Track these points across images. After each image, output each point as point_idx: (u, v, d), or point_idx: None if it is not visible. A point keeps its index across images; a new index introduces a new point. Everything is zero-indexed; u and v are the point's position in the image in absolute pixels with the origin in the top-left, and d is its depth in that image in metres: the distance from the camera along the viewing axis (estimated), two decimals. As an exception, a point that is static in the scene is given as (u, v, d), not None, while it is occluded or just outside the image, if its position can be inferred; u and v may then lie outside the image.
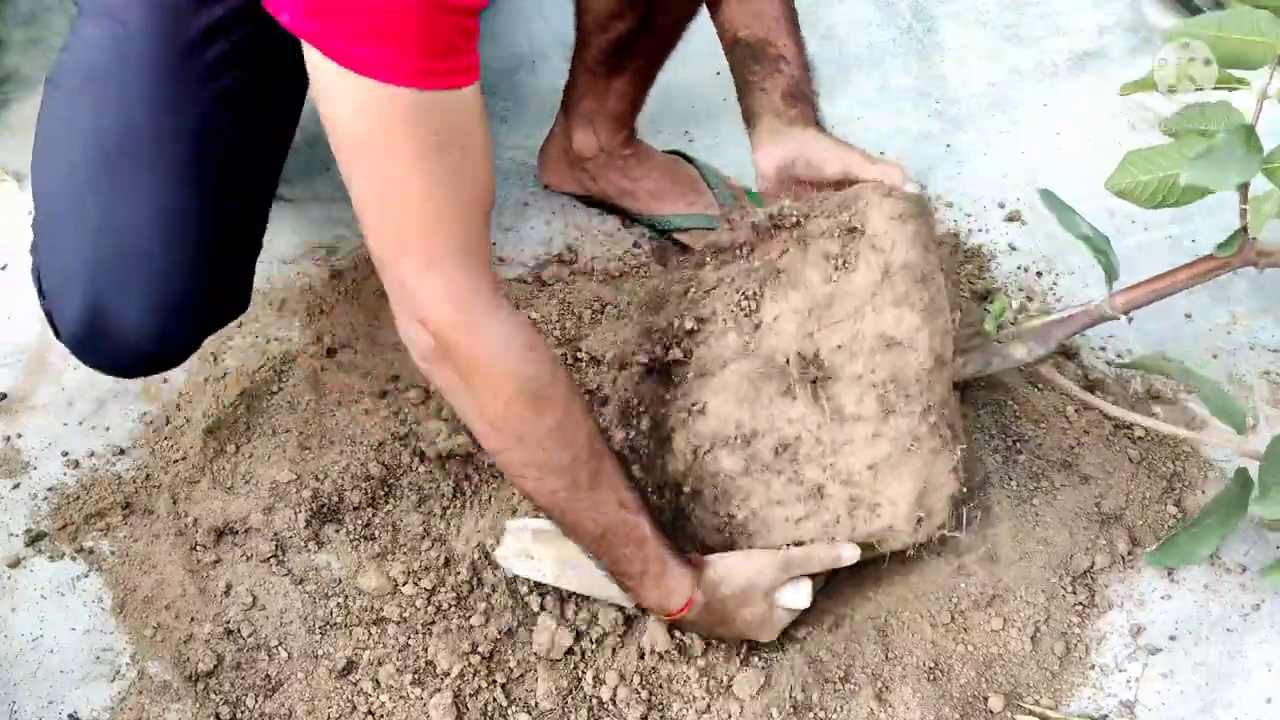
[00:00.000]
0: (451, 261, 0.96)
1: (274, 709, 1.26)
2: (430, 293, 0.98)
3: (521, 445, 1.05)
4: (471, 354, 1.00)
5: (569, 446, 1.05)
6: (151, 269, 1.16)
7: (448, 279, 0.97)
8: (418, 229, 0.95)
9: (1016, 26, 1.98)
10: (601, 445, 1.10)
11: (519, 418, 1.02)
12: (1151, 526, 1.39)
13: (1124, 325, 1.60)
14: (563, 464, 1.05)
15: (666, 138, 1.82)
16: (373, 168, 0.94)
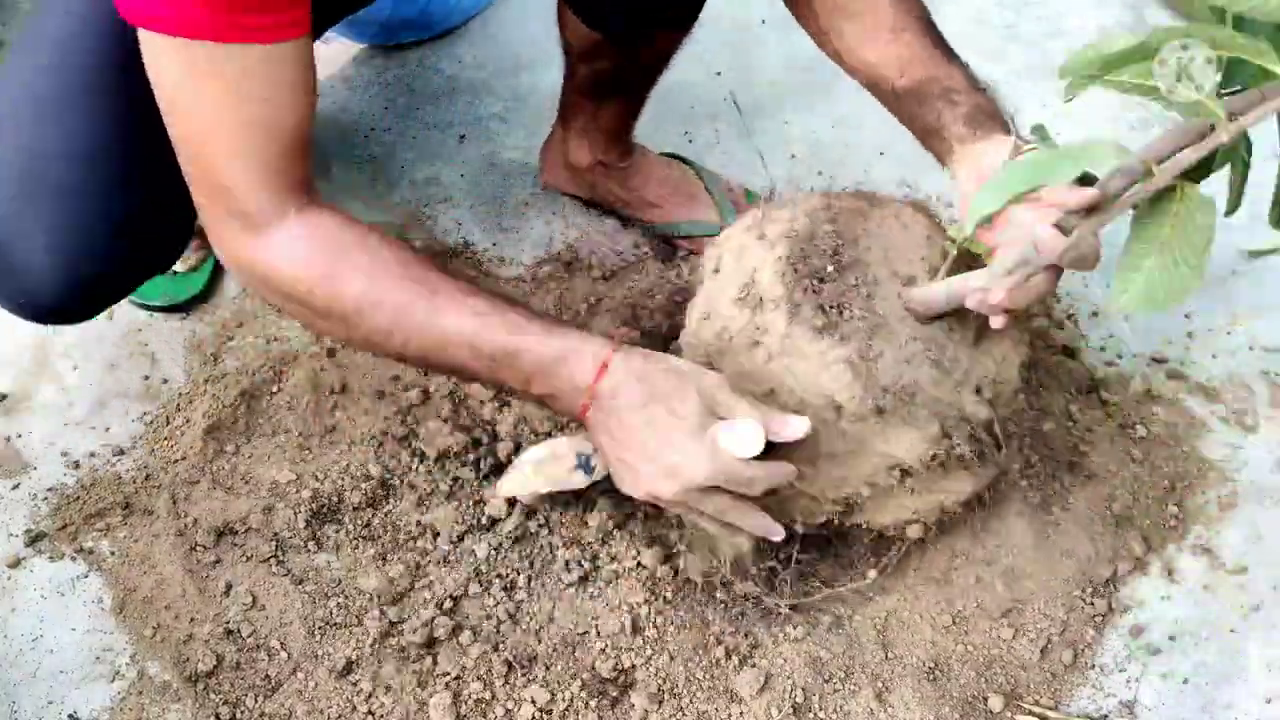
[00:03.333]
0: (247, 192, 1.02)
1: (274, 709, 1.26)
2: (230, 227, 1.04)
3: (348, 330, 1.06)
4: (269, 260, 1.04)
5: (384, 302, 1.04)
6: (65, 202, 1.15)
7: (241, 205, 1.02)
8: (217, 167, 1.01)
9: (1016, 26, 1.98)
10: (429, 275, 1.05)
11: (329, 317, 1.06)
12: (1156, 527, 1.39)
13: (1123, 324, 1.61)
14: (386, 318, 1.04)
15: (666, 138, 1.82)
16: (178, 120, 1.02)
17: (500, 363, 1.04)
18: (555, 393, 1.05)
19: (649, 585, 1.29)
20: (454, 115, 1.86)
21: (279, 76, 1.00)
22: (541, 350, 1.03)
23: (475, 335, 1.03)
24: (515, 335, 1.03)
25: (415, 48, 1.95)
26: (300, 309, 1.07)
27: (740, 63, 1.92)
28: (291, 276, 1.04)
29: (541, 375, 1.04)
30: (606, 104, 1.57)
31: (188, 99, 1.00)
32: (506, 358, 1.03)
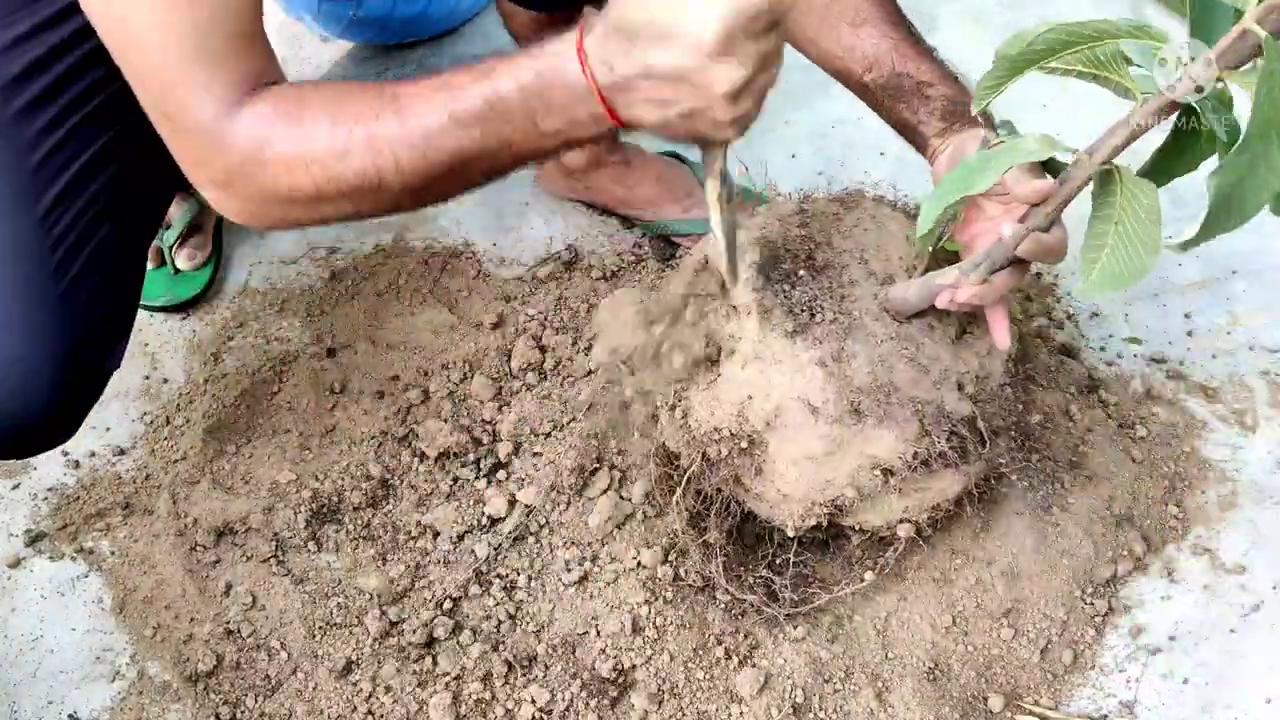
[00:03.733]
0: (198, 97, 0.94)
1: (274, 709, 1.26)
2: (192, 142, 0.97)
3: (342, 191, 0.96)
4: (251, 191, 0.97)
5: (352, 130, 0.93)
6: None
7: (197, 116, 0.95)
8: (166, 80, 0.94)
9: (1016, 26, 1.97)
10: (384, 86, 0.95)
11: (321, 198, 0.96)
12: (1156, 527, 1.39)
13: (1122, 323, 1.61)
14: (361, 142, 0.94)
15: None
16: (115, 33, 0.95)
17: (492, 119, 0.91)
18: (567, 114, 0.90)
19: (649, 585, 1.29)
20: (454, 115, 1.86)
21: None
22: (519, 77, 0.90)
23: (451, 107, 0.91)
24: (488, 79, 0.91)
25: (415, 48, 1.95)
26: (298, 204, 0.97)
27: (740, 63, 1.92)
28: (262, 165, 0.95)
29: (539, 105, 0.90)
30: None
31: (121, 13, 0.93)
32: (494, 109, 0.91)
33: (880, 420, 1.11)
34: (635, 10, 0.84)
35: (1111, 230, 0.95)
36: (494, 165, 0.96)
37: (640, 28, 0.83)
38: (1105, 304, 1.63)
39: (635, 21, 0.84)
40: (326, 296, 1.59)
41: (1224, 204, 0.83)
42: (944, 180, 0.99)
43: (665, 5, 0.82)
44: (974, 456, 1.16)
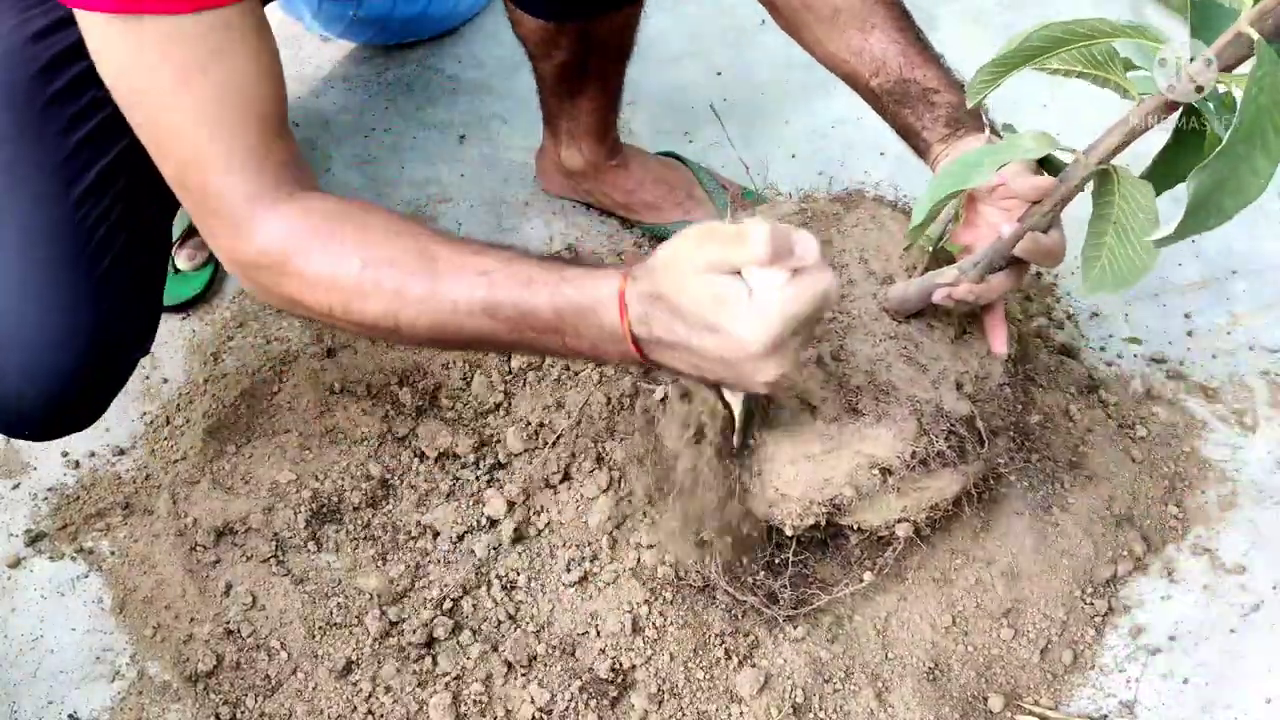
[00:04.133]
0: (226, 182, 0.94)
1: (274, 709, 1.26)
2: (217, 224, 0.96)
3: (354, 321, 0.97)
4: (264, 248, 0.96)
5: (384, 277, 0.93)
6: (20, 332, 1.09)
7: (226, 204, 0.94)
8: (191, 158, 0.94)
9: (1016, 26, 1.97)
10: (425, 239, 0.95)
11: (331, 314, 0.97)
12: (1156, 527, 1.39)
13: (1122, 323, 1.61)
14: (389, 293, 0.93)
15: (666, 138, 1.82)
16: (138, 114, 0.94)
17: (522, 325, 0.92)
18: (596, 345, 0.92)
19: (649, 585, 1.29)
20: (454, 115, 1.86)
21: (233, 43, 0.92)
22: (558, 303, 0.90)
23: (487, 300, 0.91)
24: (527, 289, 0.91)
25: (415, 48, 1.95)
26: (305, 310, 0.99)
27: (740, 63, 1.92)
28: (285, 275, 0.95)
29: (571, 331, 0.91)
30: (580, 99, 1.57)
31: (142, 86, 0.92)
32: (525, 319, 0.91)
33: (878, 419, 1.12)
34: (684, 295, 0.84)
35: (1110, 230, 0.95)
36: (509, 351, 0.97)
37: (687, 312, 0.85)
38: (1105, 304, 1.63)
39: (682, 305, 0.85)
40: (326, 296, 1.59)
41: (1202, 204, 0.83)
42: (940, 173, 0.99)
43: (715, 302, 0.83)
44: (972, 456, 1.16)
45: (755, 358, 0.84)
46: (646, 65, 1.61)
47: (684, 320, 0.85)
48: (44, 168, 1.12)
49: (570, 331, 0.91)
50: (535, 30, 1.48)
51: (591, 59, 1.51)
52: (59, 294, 1.11)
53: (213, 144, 0.93)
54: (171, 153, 0.95)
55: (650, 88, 1.81)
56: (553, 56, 1.51)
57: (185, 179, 0.96)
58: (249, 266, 0.97)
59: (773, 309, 0.82)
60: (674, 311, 0.85)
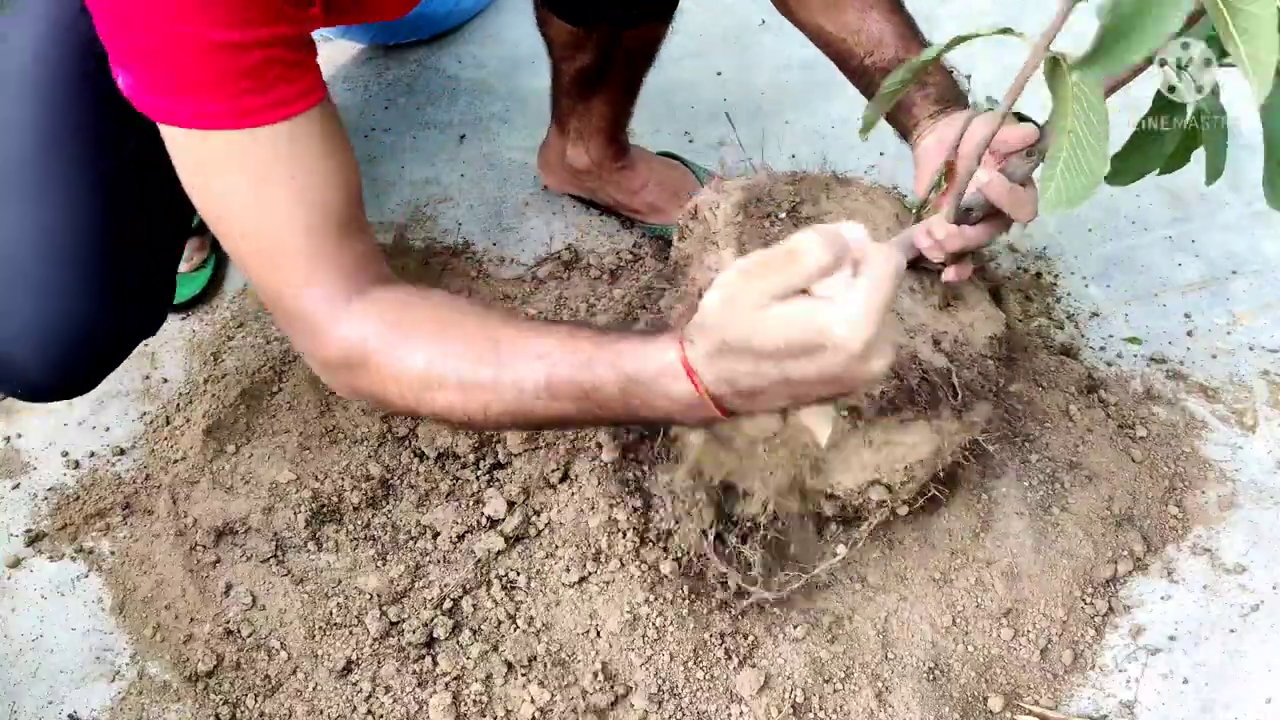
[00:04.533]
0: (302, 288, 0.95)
1: (274, 709, 1.26)
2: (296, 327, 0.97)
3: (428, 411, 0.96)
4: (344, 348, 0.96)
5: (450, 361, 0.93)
6: (35, 293, 1.11)
7: (303, 308, 0.95)
8: (268, 265, 0.95)
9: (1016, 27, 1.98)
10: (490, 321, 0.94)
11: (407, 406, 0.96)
12: (1156, 527, 1.39)
13: (1122, 323, 1.61)
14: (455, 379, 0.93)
15: (666, 138, 1.82)
16: (214, 214, 0.95)
17: (589, 404, 0.90)
18: (670, 415, 0.89)
19: (649, 585, 1.29)
20: (454, 115, 1.87)
21: (304, 151, 0.93)
22: (620, 380, 0.88)
23: (549, 383, 0.90)
24: (587, 370, 0.89)
25: (415, 48, 1.95)
26: (389, 406, 0.98)
27: (740, 63, 1.93)
28: (361, 373, 0.95)
29: (641, 404, 0.88)
30: (595, 101, 1.58)
31: (217, 197, 0.94)
32: (590, 398, 0.90)
33: None
34: (760, 335, 0.81)
35: (1066, 142, 0.91)
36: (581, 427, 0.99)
37: (771, 350, 0.81)
38: (1105, 304, 1.63)
39: (763, 346, 0.81)
40: (326, 296, 1.59)
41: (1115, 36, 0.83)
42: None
43: (800, 328, 0.79)
44: (947, 413, 1.15)
45: (861, 359, 0.80)
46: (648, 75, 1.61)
47: (770, 360, 0.81)
48: (80, 136, 1.12)
49: (642, 406, 0.88)
50: (563, 32, 1.48)
51: (613, 65, 1.51)
52: (78, 265, 1.12)
53: (288, 255, 0.94)
54: (249, 263, 0.96)
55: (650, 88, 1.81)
56: (576, 59, 1.51)
57: (264, 283, 0.96)
58: (329, 367, 0.98)
59: (861, 308, 0.79)
60: (755, 356, 0.81)
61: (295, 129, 0.92)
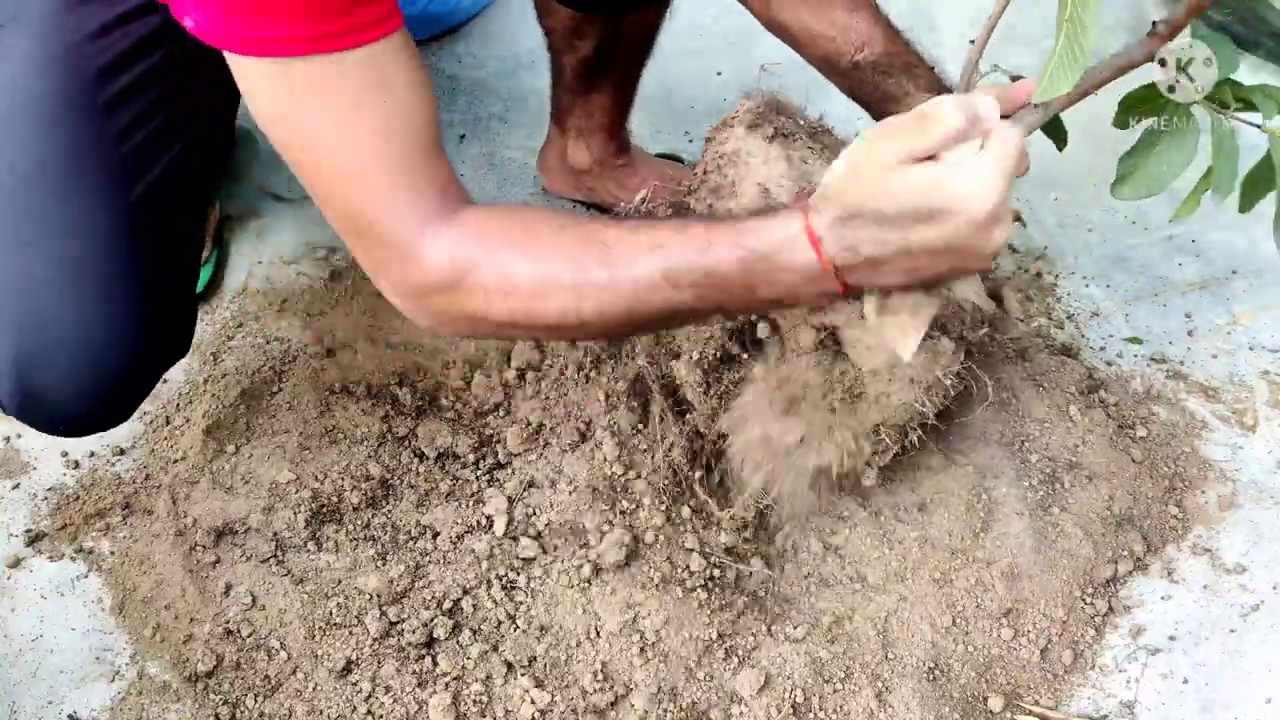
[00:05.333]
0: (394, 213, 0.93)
1: (274, 709, 1.26)
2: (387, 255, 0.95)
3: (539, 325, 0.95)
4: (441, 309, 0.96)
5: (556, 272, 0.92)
6: (69, 329, 1.11)
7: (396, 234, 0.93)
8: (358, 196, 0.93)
9: (1016, 27, 1.97)
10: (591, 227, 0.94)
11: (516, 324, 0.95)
12: (1156, 527, 1.39)
13: (1122, 323, 1.61)
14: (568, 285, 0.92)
15: (666, 138, 1.82)
16: (297, 156, 0.93)
17: (707, 287, 0.90)
18: (792, 289, 0.89)
19: (649, 585, 1.28)
20: (454, 115, 1.86)
21: (389, 76, 0.91)
22: (743, 255, 0.88)
23: (666, 270, 0.89)
24: (708, 252, 0.88)
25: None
26: (489, 325, 0.96)
27: (740, 63, 1.92)
28: (462, 291, 0.93)
29: (762, 281, 0.88)
30: (596, 95, 1.58)
31: (302, 128, 0.91)
32: (710, 279, 0.89)
33: None
34: (887, 197, 0.83)
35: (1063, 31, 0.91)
36: (698, 321, 0.98)
37: (897, 213, 0.82)
38: (1105, 304, 1.63)
39: (889, 209, 0.83)
40: (326, 296, 1.59)
41: None
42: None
43: (929, 188, 0.82)
44: None
45: (986, 227, 0.82)
46: (646, 65, 1.61)
47: (894, 225, 0.83)
48: (102, 170, 1.13)
49: (762, 283, 0.88)
50: (563, 20, 1.49)
51: (614, 53, 1.51)
52: (112, 296, 1.13)
53: (379, 179, 0.92)
54: (336, 191, 0.94)
55: (650, 88, 1.81)
56: (577, 49, 1.51)
57: (351, 215, 0.94)
58: (426, 291, 0.95)
59: (991, 170, 0.81)
60: (880, 221, 0.83)
61: (379, 53, 0.90)
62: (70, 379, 1.13)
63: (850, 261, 0.85)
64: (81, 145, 1.13)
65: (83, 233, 1.12)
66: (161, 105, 1.15)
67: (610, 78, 1.56)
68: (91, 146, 1.13)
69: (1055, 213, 1.75)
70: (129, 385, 1.19)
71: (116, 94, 1.13)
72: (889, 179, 0.82)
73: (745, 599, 1.29)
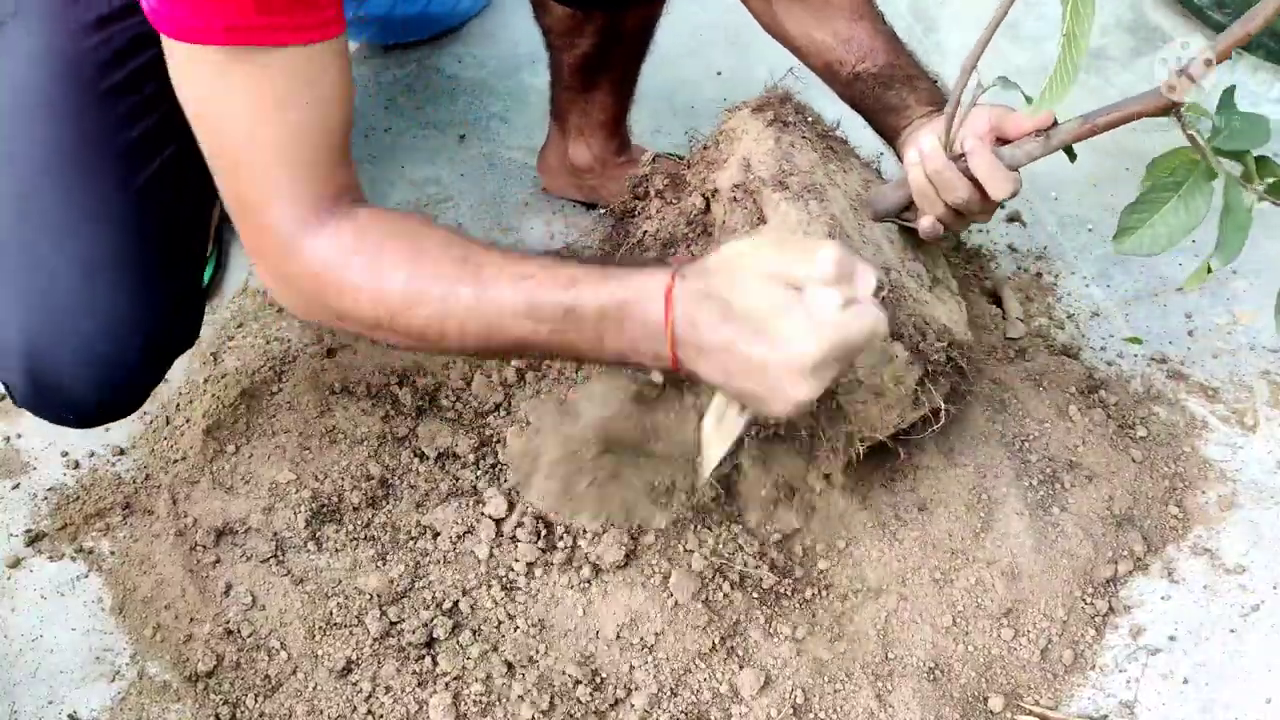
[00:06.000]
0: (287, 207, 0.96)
1: (274, 709, 1.26)
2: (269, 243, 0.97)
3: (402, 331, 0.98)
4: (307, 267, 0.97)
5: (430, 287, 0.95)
6: (80, 320, 1.12)
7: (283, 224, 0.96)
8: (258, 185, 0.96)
9: (1016, 27, 1.98)
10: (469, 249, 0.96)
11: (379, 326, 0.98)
12: (1156, 527, 1.39)
13: (1122, 323, 1.61)
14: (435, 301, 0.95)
15: (667, 138, 1.82)
16: (210, 134, 0.96)
17: (564, 325, 0.92)
18: (634, 344, 0.91)
19: (649, 586, 1.29)
20: (454, 115, 1.86)
21: (320, 78, 0.94)
22: (601, 300, 0.90)
23: (530, 301, 0.92)
24: (570, 290, 0.91)
25: (415, 48, 1.95)
26: (354, 323, 0.99)
27: (740, 63, 1.92)
28: (334, 288, 0.96)
29: (612, 328, 0.91)
30: (596, 92, 1.58)
31: (223, 111, 0.94)
32: (567, 317, 0.92)
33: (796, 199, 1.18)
34: (741, 297, 0.85)
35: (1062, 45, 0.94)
36: (546, 354, 1.00)
37: (740, 312, 0.85)
38: (1105, 304, 1.63)
39: (737, 303, 0.85)
40: (326, 296, 1.59)
41: None
42: None
43: (772, 309, 0.84)
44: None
45: (798, 372, 0.84)
46: (646, 65, 1.61)
47: (734, 323, 0.85)
48: (108, 160, 1.14)
49: (611, 330, 0.91)
50: (561, 19, 1.49)
51: (612, 51, 1.51)
52: (121, 285, 1.14)
53: (278, 172, 0.95)
54: (237, 177, 0.96)
55: (650, 88, 1.81)
56: (575, 46, 1.51)
57: (242, 197, 0.97)
58: (297, 279, 0.98)
59: (829, 328, 0.83)
60: (725, 313, 0.86)
61: (313, 55, 0.93)
62: (82, 369, 1.14)
63: (686, 335, 0.88)
64: (85, 136, 1.14)
65: (89, 223, 1.13)
66: (157, 103, 1.15)
67: (609, 75, 1.56)
68: (95, 137, 1.14)
69: (1055, 213, 1.75)
70: (140, 374, 1.20)
71: (118, 83, 1.15)
72: (751, 283, 0.85)
73: (745, 599, 1.29)
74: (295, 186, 0.95)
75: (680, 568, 1.28)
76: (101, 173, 1.14)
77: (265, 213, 0.96)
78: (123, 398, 1.21)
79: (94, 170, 1.14)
